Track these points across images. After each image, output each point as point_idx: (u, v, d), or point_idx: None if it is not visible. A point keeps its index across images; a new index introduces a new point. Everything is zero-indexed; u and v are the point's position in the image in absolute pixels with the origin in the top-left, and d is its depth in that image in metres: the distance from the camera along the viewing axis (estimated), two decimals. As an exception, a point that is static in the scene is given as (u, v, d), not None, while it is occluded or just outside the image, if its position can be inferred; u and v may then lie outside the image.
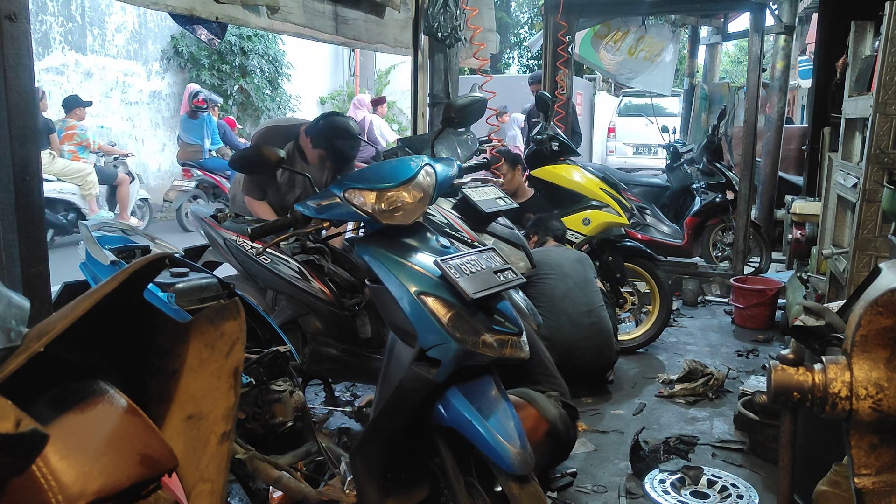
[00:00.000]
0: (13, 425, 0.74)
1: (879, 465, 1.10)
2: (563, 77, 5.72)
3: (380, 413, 1.77)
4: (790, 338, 3.24)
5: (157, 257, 1.14)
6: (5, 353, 0.89)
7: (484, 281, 1.68)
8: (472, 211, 2.96)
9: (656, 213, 5.98)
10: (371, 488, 1.80)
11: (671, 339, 4.45)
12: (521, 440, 1.64)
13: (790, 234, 4.75)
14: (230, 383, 1.14)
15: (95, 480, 0.90)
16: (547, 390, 2.52)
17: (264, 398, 2.16)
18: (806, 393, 1.15)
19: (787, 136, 6.87)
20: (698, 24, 8.97)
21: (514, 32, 22.23)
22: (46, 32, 8.62)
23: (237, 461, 2.01)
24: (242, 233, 2.83)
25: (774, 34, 6.30)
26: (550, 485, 2.60)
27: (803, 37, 10.34)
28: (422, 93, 4.43)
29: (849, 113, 3.34)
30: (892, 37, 2.60)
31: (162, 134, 10.66)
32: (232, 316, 1.17)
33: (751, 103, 5.33)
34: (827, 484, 1.82)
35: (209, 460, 1.11)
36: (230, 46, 10.62)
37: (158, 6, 2.67)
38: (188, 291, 2.17)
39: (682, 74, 10.19)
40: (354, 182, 1.83)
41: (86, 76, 9.24)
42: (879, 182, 2.71)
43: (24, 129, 1.86)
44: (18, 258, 1.87)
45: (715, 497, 2.52)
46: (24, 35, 1.86)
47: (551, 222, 3.89)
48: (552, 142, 4.15)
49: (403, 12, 4.31)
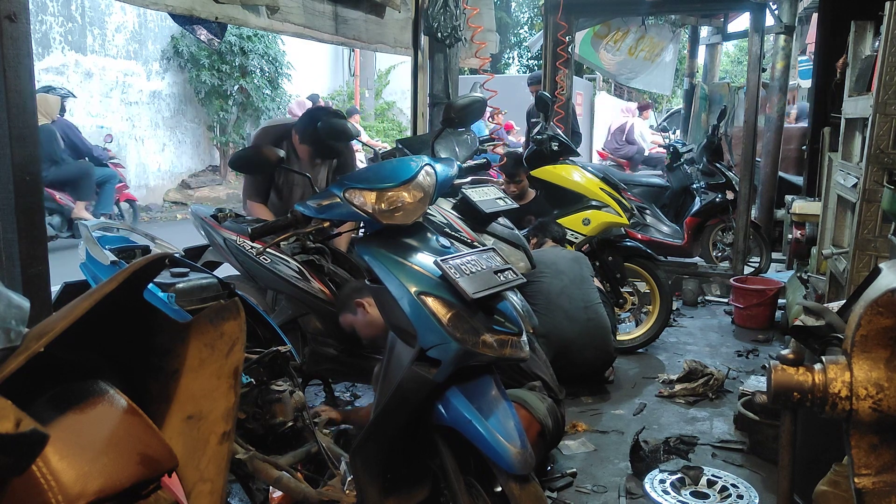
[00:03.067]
0: (13, 425, 0.74)
1: (879, 465, 1.10)
2: (563, 77, 5.72)
3: (380, 413, 1.77)
4: (790, 338, 3.24)
5: (157, 257, 1.14)
6: (5, 353, 0.89)
7: (484, 281, 1.68)
8: (472, 211, 2.97)
9: (656, 213, 5.98)
10: (371, 488, 1.80)
11: (671, 339, 4.45)
12: (521, 440, 1.64)
13: (790, 234, 4.74)
14: (230, 383, 1.14)
15: (95, 480, 0.90)
16: (529, 381, 2.55)
17: (264, 398, 2.16)
18: (806, 393, 1.15)
19: (787, 136, 6.87)
20: (698, 24, 8.97)
21: (514, 32, 22.22)
22: (46, 32, 8.62)
23: (237, 461, 2.01)
24: (242, 233, 2.84)
25: (774, 34, 6.30)
26: (550, 485, 2.60)
27: (803, 37, 10.33)
28: (422, 93, 4.43)
29: (849, 113, 3.34)
30: (892, 37, 2.60)
31: (162, 134, 10.67)
32: (232, 316, 1.17)
33: (751, 103, 5.33)
34: (827, 484, 1.82)
35: (209, 460, 1.11)
36: (230, 46, 10.63)
37: (158, 6, 2.67)
38: (188, 291, 2.17)
39: (682, 74, 10.19)
40: (355, 182, 1.83)
41: (86, 76, 9.24)
42: (879, 182, 2.71)
43: (24, 130, 1.86)
44: (18, 258, 1.87)
45: (715, 497, 2.52)
46: (24, 35, 1.86)
47: (550, 226, 3.95)
48: (552, 142, 4.15)
49: (403, 12, 4.31)
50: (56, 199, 6.88)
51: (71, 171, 7.07)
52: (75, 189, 7.06)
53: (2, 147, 1.82)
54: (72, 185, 7.06)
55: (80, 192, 7.07)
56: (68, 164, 7.08)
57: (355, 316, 2.59)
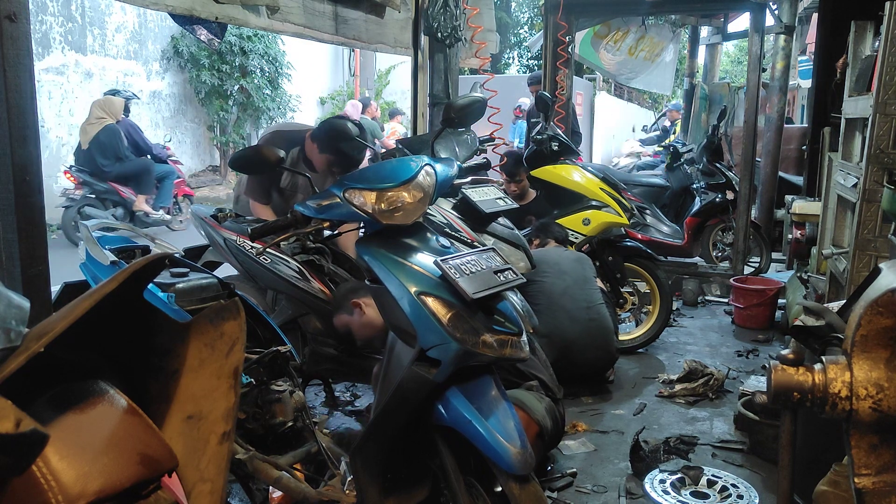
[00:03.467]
0: (13, 425, 0.74)
1: (879, 465, 1.10)
2: (563, 77, 5.71)
3: (380, 413, 1.77)
4: (790, 338, 3.24)
5: (157, 257, 1.14)
6: (5, 353, 0.89)
7: (484, 281, 1.68)
8: (472, 211, 2.97)
9: (656, 213, 5.98)
10: (371, 488, 1.80)
11: (671, 339, 4.45)
12: (521, 440, 1.64)
13: (790, 234, 4.74)
14: (230, 383, 1.14)
15: (95, 480, 0.90)
16: (527, 381, 2.55)
17: (264, 398, 2.16)
18: (806, 393, 1.15)
19: (787, 136, 6.86)
20: (698, 24, 8.98)
21: (514, 32, 22.23)
22: (46, 32, 8.62)
23: (237, 461, 2.01)
24: (242, 233, 2.84)
25: (774, 34, 6.30)
26: (550, 485, 2.60)
27: (803, 37, 10.34)
28: (422, 93, 4.43)
29: (849, 113, 3.34)
30: (892, 37, 2.60)
31: (162, 134, 10.66)
32: (232, 316, 1.17)
33: (751, 103, 5.33)
34: (827, 484, 1.82)
35: (209, 460, 1.11)
36: (230, 46, 10.63)
37: (158, 6, 2.66)
38: (188, 291, 2.17)
39: (682, 74, 10.19)
40: (354, 182, 1.83)
41: (86, 76, 9.24)
42: (879, 182, 2.71)
43: (24, 130, 1.86)
44: (18, 258, 1.87)
45: (715, 497, 2.52)
46: (24, 35, 1.85)
47: (553, 226, 3.96)
48: (552, 142, 4.15)
49: (403, 12, 4.31)
50: (120, 192, 7.54)
51: (133, 167, 7.70)
52: (137, 184, 7.70)
53: (2, 147, 1.82)
54: (134, 179, 7.69)
55: (142, 187, 7.71)
56: (131, 161, 7.71)
57: (351, 316, 2.59)
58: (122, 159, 7.55)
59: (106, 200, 7.48)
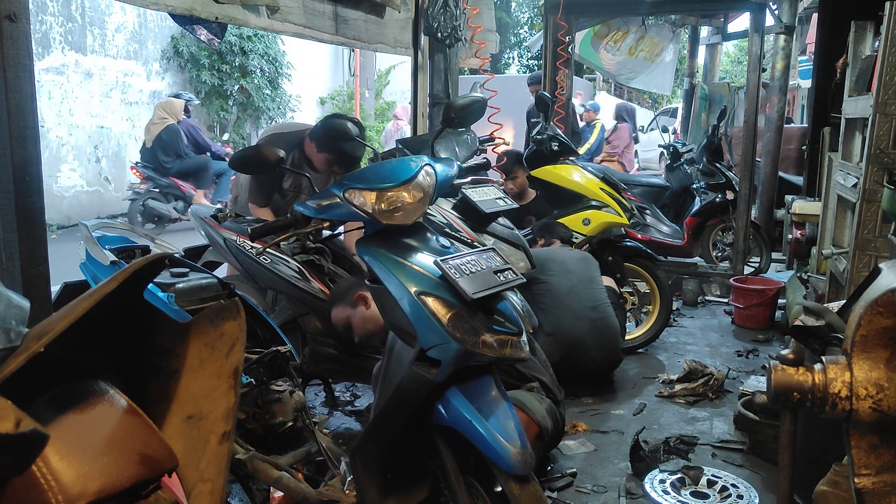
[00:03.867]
0: (13, 425, 0.74)
1: (879, 465, 1.10)
2: (563, 77, 5.71)
3: (380, 413, 1.77)
4: (790, 338, 3.24)
5: (157, 257, 1.14)
6: (5, 353, 0.89)
7: (484, 281, 1.68)
8: (472, 211, 2.96)
9: (656, 213, 5.98)
10: (371, 488, 1.80)
11: (671, 339, 4.45)
12: (521, 440, 1.64)
13: (790, 234, 4.74)
14: (230, 383, 1.14)
15: (95, 480, 0.90)
16: (527, 382, 2.54)
17: (264, 398, 2.16)
18: (806, 393, 1.15)
19: (787, 136, 6.86)
20: (698, 24, 8.98)
21: (514, 32, 22.24)
22: (46, 32, 8.62)
23: (237, 461, 2.01)
24: (242, 233, 2.84)
25: (774, 34, 6.30)
26: (550, 485, 2.60)
27: (803, 37, 10.34)
28: (422, 93, 4.43)
29: (849, 113, 3.34)
30: (892, 37, 2.60)
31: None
32: (232, 316, 1.17)
33: (751, 103, 5.33)
34: (827, 484, 1.82)
35: (209, 460, 1.11)
36: (230, 46, 10.63)
37: (158, 6, 2.66)
38: (188, 291, 2.17)
39: (682, 74, 10.19)
40: (354, 182, 1.83)
41: (86, 76, 9.24)
42: (879, 182, 2.71)
43: (24, 130, 1.86)
44: (18, 258, 1.87)
45: (715, 497, 2.52)
46: (24, 35, 1.85)
47: (556, 226, 3.96)
48: (552, 142, 4.15)
49: (403, 12, 4.31)
50: (180, 187, 8.08)
51: (192, 164, 8.22)
52: (196, 179, 8.23)
53: (2, 147, 1.82)
54: (193, 175, 8.22)
55: (200, 182, 8.24)
56: (191, 158, 8.21)
57: (353, 310, 2.58)
58: (182, 156, 8.08)
59: (168, 194, 8.02)
